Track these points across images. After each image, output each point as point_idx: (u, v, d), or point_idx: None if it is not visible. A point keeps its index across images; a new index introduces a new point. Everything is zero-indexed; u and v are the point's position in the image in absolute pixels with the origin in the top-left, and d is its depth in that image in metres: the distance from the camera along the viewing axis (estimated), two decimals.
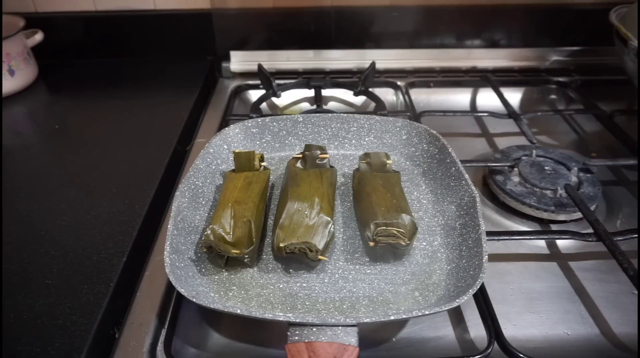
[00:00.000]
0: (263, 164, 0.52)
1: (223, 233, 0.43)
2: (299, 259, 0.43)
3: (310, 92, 0.76)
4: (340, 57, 0.82)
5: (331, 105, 0.78)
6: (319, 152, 0.52)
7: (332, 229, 0.43)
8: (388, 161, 0.51)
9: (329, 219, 0.44)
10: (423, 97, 0.78)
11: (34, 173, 0.55)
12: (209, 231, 0.43)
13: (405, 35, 0.82)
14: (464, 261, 0.42)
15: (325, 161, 0.52)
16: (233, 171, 0.51)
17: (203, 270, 0.43)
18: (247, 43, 0.82)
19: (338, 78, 0.79)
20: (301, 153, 0.53)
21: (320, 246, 0.42)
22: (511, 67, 0.82)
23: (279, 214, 0.45)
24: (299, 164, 0.52)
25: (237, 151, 0.51)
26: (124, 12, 0.80)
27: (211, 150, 0.53)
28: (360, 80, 0.74)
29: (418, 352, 0.40)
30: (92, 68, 0.81)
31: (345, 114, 0.58)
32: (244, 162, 0.51)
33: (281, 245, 0.42)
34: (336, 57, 0.82)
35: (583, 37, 0.81)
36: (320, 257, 0.42)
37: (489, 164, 0.57)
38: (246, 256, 0.42)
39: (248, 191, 0.47)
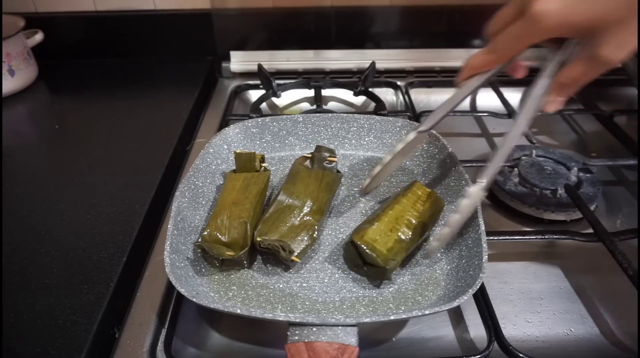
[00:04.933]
0: (264, 165, 0.52)
1: (218, 235, 0.43)
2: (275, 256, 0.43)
3: (310, 92, 0.76)
4: (340, 57, 0.82)
5: (331, 105, 0.78)
6: (327, 154, 0.52)
7: (315, 234, 0.44)
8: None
9: (315, 223, 0.44)
10: (423, 97, 0.78)
11: (34, 173, 0.55)
12: (205, 233, 0.43)
13: (405, 36, 0.82)
14: (463, 261, 0.42)
15: (332, 164, 0.52)
16: (234, 171, 0.51)
17: (203, 269, 0.43)
18: (247, 43, 0.82)
19: (338, 78, 0.79)
20: (310, 153, 0.53)
21: (298, 248, 0.42)
22: None
23: (268, 208, 0.46)
24: (307, 163, 0.52)
25: (237, 151, 0.51)
26: (124, 12, 0.80)
27: (211, 150, 0.53)
28: (360, 80, 0.74)
29: (418, 352, 0.40)
30: (92, 68, 0.80)
31: (345, 114, 0.58)
32: (245, 163, 0.51)
33: (258, 238, 0.42)
34: (336, 57, 0.82)
35: None
36: (293, 258, 0.42)
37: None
38: (241, 257, 0.42)
39: (246, 192, 0.47)
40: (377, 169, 0.47)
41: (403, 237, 0.42)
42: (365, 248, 0.41)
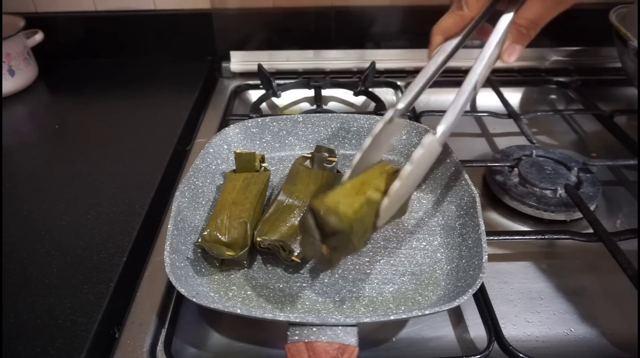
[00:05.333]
0: (264, 165, 0.52)
1: (218, 235, 0.43)
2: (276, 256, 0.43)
3: (310, 92, 0.76)
4: (340, 57, 0.82)
5: (331, 105, 0.78)
6: (327, 154, 0.52)
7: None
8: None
9: None
10: (423, 97, 0.78)
11: (34, 173, 0.55)
12: (205, 233, 0.43)
13: (405, 35, 0.82)
14: (463, 261, 0.42)
15: (332, 164, 0.52)
16: (234, 171, 0.51)
17: (203, 269, 0.43)
18: (247, 43, 0.82)
19: (338, 78, 0.79)
20: (310, 153, 0.52)
21: (298, 248, 0.42)
22: (511, 67, 0.81)
23: (268, 208, 0.46)
24: (307, 163, 0.52)
25: (237, 151, 0.51)
26: (124, 12, 0.80)
27: (211, 150, 0.53)
28: (360, 80, 0.74)
29: (418, 352, 0.40)
30: (92, 68, 0.80)
31: (345, 114, 0.58)
32: (245, 163, 0.51)
33: (258, 238, 0.42)
34: (336, 57, 0.82)
35: (583, 37, 0.81)
36: (293, 258, 0.42)
37: (489, 164, 0.57)
38: (241, 257, 0.42)
39: (246, 192, 0.47)
40: (358, 157, 0.41)
41: (373, 198, 0.36)
42: (325, 213, 0.34)
